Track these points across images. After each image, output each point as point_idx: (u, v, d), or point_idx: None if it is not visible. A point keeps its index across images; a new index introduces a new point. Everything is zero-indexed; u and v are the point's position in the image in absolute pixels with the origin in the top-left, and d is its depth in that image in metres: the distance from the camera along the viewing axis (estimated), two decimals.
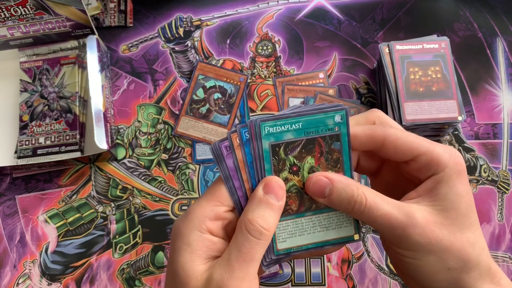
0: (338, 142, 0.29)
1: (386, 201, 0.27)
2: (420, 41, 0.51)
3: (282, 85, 0.57)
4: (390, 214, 0.26)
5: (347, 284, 0.50)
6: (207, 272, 0.27)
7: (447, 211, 0.27)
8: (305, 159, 0.29)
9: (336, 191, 0.28)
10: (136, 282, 0.50)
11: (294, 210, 0.30)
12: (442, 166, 0.27)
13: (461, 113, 0.49)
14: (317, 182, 0.28)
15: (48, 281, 0.50)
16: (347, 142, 0.29)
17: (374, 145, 0.29)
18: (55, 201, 0.53)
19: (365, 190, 0.27)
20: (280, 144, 0.29)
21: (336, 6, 0.60)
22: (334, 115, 0.28)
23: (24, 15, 0.50)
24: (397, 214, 0.26)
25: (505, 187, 0.53)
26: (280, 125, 0.28)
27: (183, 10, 0.60)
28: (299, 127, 0.28)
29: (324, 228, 0.30)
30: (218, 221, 0.29)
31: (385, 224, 0.27)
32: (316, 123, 0.29)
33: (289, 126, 0.28)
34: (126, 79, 0.57)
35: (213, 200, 0.29)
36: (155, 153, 0.55)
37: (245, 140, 0.29)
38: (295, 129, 0.28)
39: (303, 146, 0.29)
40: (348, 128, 0.29)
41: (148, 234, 0.52)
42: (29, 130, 0.53)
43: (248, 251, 0.26)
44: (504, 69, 0.57)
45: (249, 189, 0.29)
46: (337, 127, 0.29)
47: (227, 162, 0.29)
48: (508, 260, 0.51)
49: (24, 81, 0.55)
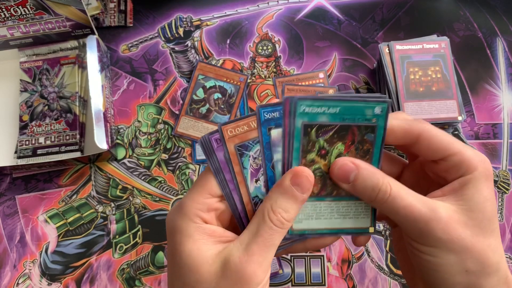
0: (372, 134, 0.28)
1: (410, 194, 0.27)
2: (420, 41, 0.51)
3: (282, 85, 0.57)
4: (414, 206, 0.26)
5: (347, 284, 0.50)
6: (220, 255, 0.27)
7: (472, 212, 0.26)
8: (335, 145, 0.28)
9: (361, 177, 0.27)
10: (136, 282, 0.50)
11: (315, 193, 0.29)
12: (472, 169, 0.27)
13: (461, 113, 0.48)
14: (343, 167, 0.28)
15: (48, 281, 0.50)
16: (382, 136, 0.28)
17: (409, 140, 0.29)
18: (55, 201, 0.53)
19: (391, 180, 0.27)
20: (313, 125, 0.28)
21: (336, 6, 0.60)
22: (375, 106, 0.27)
23: (24, 15, 0.50)
24: (421, 207, 0.26)
25: (505, 187, 0.53)
26: (317, 106, 0.27)
27: (183, 10, 0.60)
28: (336, 111, 0.27)
29: (341, 216, 0.30)
30: (211, 212, 0.29)
31: (408, 216, 0.26)
32: (355, 111, 0.28)
33: (326, 108, 0.27)
34: (126, 79, 0.57)
35: (203, 193, 0.29)
36: (155, 153, 0.55)
37: (263, 121, 0.28)
38: (331, 113, 0.27)
39: (336, 132, 0.28)
40: (386, 122, 0.28)
41: (148, 234, 0.52)
42: (29, 130, 0.53)
43: (270, 237, 0.27)
44: (504, 69, 0.57)
45: (242, 182, 0.29)
46: (375, 119, 0.28)
47: (218, 155, 0.29)
48: (508, 260, 0.51)
49: (24, 81, 0.55)
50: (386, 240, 0.51)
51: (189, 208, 0.28)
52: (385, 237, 0.51)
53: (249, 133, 0.29)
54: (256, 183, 0.30)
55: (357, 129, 0.28)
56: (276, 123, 0.29)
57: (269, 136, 0.29)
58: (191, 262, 0.27)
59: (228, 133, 0.29)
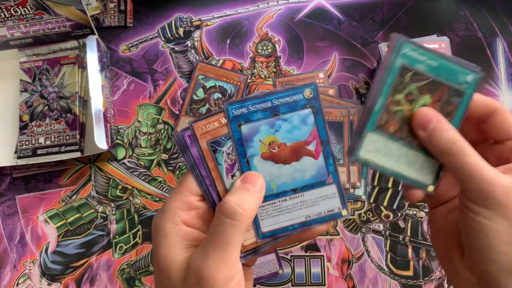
0: (459, 99, 0.29)
1: (480, 157, 0.27)
2: (420, 41, 0.51)
3: (282, 85, 0.57)
4: (482, 166, 0.26)
5: (347, 284, 0.50)
6: (186, 260, 0.27)
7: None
8: (424, 95, 0.29)
9: (440, 129, 0.28)
10: (136, 282, 0.50)
11: (391, 132, 0.30)
12: None
13: None
14: (426, 115, 0.29)
15: (48, 281, 0.50)
16: (467, 103, 0.29)
17: (486, 112, 0.30)
18: (55, 201, 0.53)
19: (464, 140, 0.28)
20: (410, 70, 0.29)
21: (336, 6, 0.60)
22: (469, 74, 0.29)
23: (24, 15, 0.50)
24: (488, 169, 0.26)
25: None
26: (420, 53, 0.29)
27: (183, 10, 0.60)
28: (434, 65, 0.29)
29: (407, 163, 0.30)
30: (192, 211, 0.29)
31: (474, 174, 0.26)
32: (450, 71, 0.29)
33: (427, 58, 0.29)
34: (126, 79, 0.57)
35: (183, 191, 0.29)
36: (155, 153, 0.55)
37: (231, 117, 0.28)
38: (430, 64, 0.29)
39: (429, 84, 0.29)
40: (473, 93, 0.29)
41: (148, 234, 0.52)
42: (29, 130, 0.53)
43: (222, 235, 0.26)
44: (504, 69, 0.57)
45: (217, 178, 0.29)
46: (465, 85, 0.29)
47: (192, 151, 0.29)
48: None
49: (24, 81, 0.55)
50: (386, 240, 0.51)
51: (169, 207, 0.28)
52: (385, 237, 0.51)
53: (221, 129, 0.29)
54: (232, 179, 0.30)
55: (446, 89, 0.29)
56: (245, 118, 0.29)
57: (240, 132, 0.29)
58: (165, 267, 0.27)
59: (200, 130, 0.29)
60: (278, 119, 0.29)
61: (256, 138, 0.29)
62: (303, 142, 0.29)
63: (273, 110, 0.29)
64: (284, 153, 0.29)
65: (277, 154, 0.29)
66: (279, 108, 0.29)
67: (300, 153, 0.30)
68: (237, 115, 0.29)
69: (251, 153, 0.29)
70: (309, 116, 0.29)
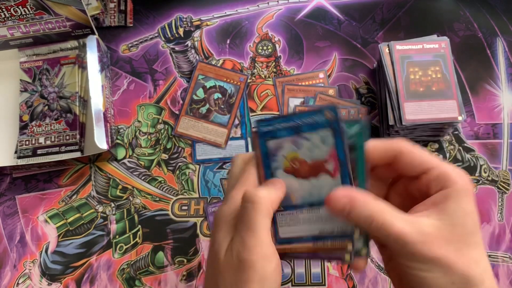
0: (355, 152, 0.30)
1: (400, 218, 0.28)
2: (420, 41, 0.51)
3: (282, 85, 0.57)
4: (404, 231, 0.27)
5: (347, 284, 0.50)
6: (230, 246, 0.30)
7: (454, 226, 0.27)
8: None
9: (355, 211, 0.29)
10: (136, 282, 0.50)
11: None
12: (452, 182, 0.28)
13: (461, 113, 0.48)
14: (338, 202, 0.29)
15: (48, 281, 0.50)
16: (362, 155, 0.30)
17: (390, 157, 0.30)
18: (55, 201, 0.53)
19: (382, 207, 0.28)
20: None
21: (336, 6, 0.60)
22: (352, 125, 0.30)
23: (24, 15, 0.50)
24: (409, 230, 0.27)
25: (505, 187, 0.53)
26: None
27: (183, 10, 0.60)
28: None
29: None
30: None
31: (398, 241, 0.28)
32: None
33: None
34: (126, 79, 0.57)
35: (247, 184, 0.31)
36: (155, 153, 0.55)
37: (261, 133, 0.31)
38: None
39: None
40: (364, 143, 0.30)
41: (148, 234, 0.52)
42: (29, 130, 0.53)
43: (247, 218, 0.29)
44: (504, 69, 0.57)
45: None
46: (353, 139, 0.30)
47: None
48: (508, 260, 0.51)
49: (24, 81, 0.55)
50: None
51: (265, 202, 0.29)
52: None
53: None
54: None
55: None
56: (271, 135, 0.31)
57: (266, 146, 0.31)
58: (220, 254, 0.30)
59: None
60: (301, 137, 0.31)
61: (280, 153, 0.31)
62: (322, 161, 0.31)
63: (296, 129, 0.31)
64: (304, 169, 0.31)
65: (298, 169, 0.31)
66: (302, 128, 0.31)
67: (319, 170, 0.31)
68: (265, 131, 0.31)
69: (275, 166, 0.32)
70: (329, 137, 0.30)
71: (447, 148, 0.54)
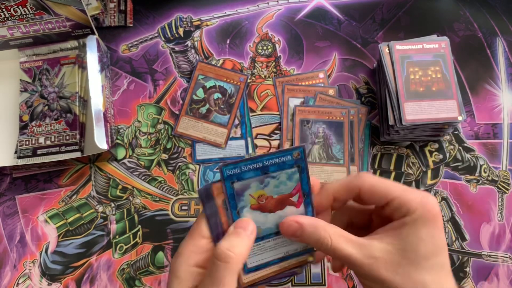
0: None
1: (350, 242, 0.31)
2: (420, 41, 0.51)
3: (282, 85, 0.57)
4: (352, 255, 0.30)
5: (347, 284, 0.50)
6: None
7: (405, 251, 0.29)
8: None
9: (306, 234, 0.32)
10: (136, 282, 0.50)
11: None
12: (412, 210, 0.30)
13: (461, 113, 0.48)
14: (290, 227, 0.33)
15: (48, 281, 0.50)
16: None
17: (353, 193, 0.33)
18: (55, 201, 0.53)
19: (331, 231, 0.31)
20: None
21: (336, 6, 0.60)
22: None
23: (24, 15, 0.50)
24: (358, 255, 0.30)
25: (505, 187, 0.53)
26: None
27: (183, 10, 0.60)
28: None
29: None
30: (204, 254, 0.32)
31: (348, 263, 0.31)
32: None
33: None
34: (126, 79, 0.57)
35: (196, 236, 0.32)
36: (155, 153, 0.55)
37: (226, 176, 0.32)
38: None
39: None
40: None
41: (148, 234, 0.52)
42: (29, 130, 0.53)
43: (216, 276, 0.30)
44: (504, 69, 0.57)
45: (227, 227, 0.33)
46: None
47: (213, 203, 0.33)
48: (508, 260, 0.51)
49: (24, 81, 0.55)
50: None
51: (183, 250, 0.32)
52: None
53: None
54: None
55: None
56: (237, 177, 0.33)
57: (232, 188, 0.33)
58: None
59: (217, 190, 0.33)
60: (267, 176, 0.33)
61: (247, 193, 0.33)
62: (288, 195, 0.34)
63: (263, 169, 0.33)
64: (271, 204, 0.34)
65: (264, 205, 0.34)
66: (269, 168, 0.33)
67: (285, 203, 0.34)
68: (231, 174, 0.32)
69: (242, 205, 0.33)
70: (295, 174, 0.33)
71: (447, 148, 0.54)
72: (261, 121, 0.56)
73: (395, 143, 0.54)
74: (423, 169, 0.54)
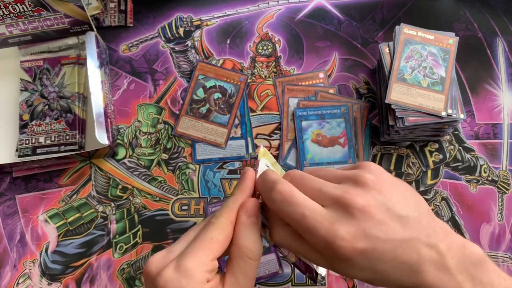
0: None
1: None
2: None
3: (282, 85, 0.57)
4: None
5: (347, 284, 0.50)
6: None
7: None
8: None
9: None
10: (136, 282, 0.50)
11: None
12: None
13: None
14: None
15: (48, 281, 0.50)
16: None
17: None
18: (55, 201, 0.53)
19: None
20: None
21: (336, 6, 0.60)
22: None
23: (22, 12, 0.50)
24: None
25: (505, 187, 0.53)
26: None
27: (183, 10, 0.60)
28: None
29: None
30: (215, 270, 0.31)
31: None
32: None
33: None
34: (126, 79, 0.57)
35: (207, 251, 0.30)
36: (155, 153, 0.55)
37: (297, 116, 0.48)
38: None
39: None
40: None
41: (148, 234, 0.52)
42: (29, 129, 0.53)
43: (253, 274, 0.32)
44: (504, 69, 0.57)
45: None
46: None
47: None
48: (508, 260, 0.51)
49: (25, 80, 0.55)
50: None
51: (195, 271, 0.29)
52: None
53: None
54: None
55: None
56: (304, 118, 0.52)
57: (301, 125, 0.52)
58: None
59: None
60: (324, 121, 0.52)
61: (309, 130, 0.52)
62: (337, 137, 0.52)
63: (321, 116, 0.53)
64: (325, 141, 0.51)
65: (321, 141, 0.52)
66: (325, 116, 0.53)
67: (334, 143, 0.52)
68: (300, 115, 0.53)
69: (305, 138, 0.52)
70: (342, 123, 0.53)
71: (447, 148, 0.54)
72: (261, 121, 0.56)
73: (395, 143, 0.54)
74: (423, 169, 0.54)
